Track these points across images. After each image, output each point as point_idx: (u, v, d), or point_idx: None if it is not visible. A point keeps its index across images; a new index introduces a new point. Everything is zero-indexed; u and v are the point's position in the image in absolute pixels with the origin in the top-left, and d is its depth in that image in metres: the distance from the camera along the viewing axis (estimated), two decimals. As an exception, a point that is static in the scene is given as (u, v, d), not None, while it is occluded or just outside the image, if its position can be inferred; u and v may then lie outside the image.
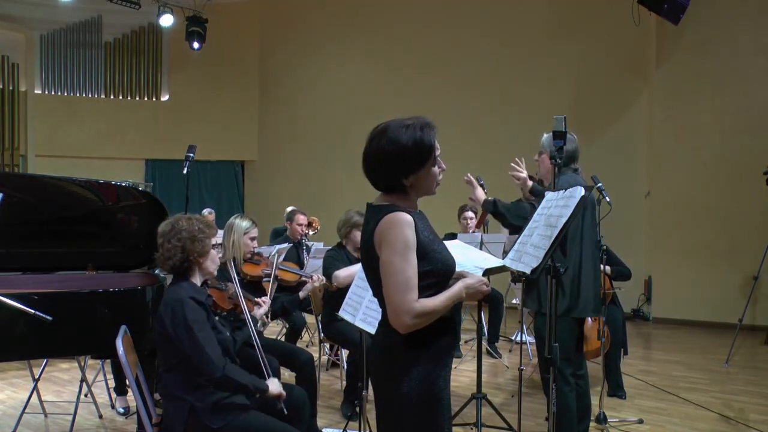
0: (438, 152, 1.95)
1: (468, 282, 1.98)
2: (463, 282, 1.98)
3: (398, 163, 1.89)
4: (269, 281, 4.11)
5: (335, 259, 4.41)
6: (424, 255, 1.89)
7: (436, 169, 1.96)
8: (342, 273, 4.17)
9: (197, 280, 2.80)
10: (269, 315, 3.87)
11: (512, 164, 3.69)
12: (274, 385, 2.82)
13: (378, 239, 1.88)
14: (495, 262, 3.05)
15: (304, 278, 4.59)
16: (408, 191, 1.95)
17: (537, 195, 3.58)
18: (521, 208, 3.52)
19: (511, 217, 3.49)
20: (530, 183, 3.68)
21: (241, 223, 3.91)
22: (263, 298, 3.64)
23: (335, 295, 4.15)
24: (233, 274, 3.36)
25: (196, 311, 2.63)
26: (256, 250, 4.06)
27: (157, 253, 2.76)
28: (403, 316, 1.83)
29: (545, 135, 3.45)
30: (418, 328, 1.86)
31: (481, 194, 3.69)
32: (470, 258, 3.04)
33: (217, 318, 2.93)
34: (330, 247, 4.70)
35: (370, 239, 1.92)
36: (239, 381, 2.65)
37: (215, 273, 2.94)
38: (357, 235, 4.44)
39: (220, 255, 2.98)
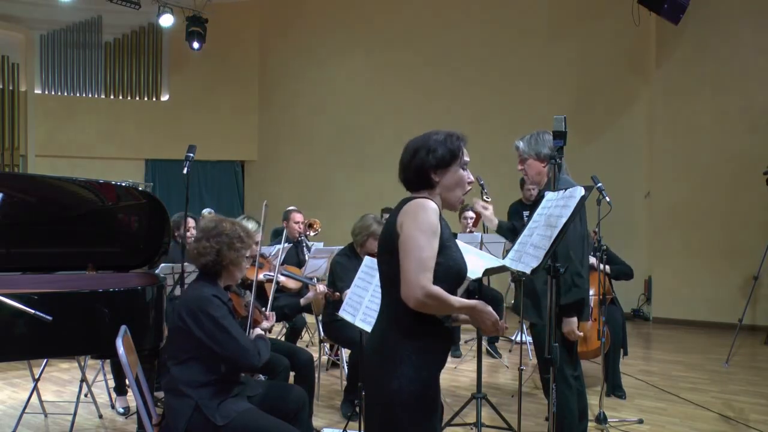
0: (467, 161, 2.05)
1: (481, 306, 1.98)
2: (478, 302, 1.99)
3: (428, 154, 2.00)
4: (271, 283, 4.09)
5: (346, 268, 4.29)
6: (442, 247, 1.94)
7: (463, 173, 2.05)
8: None
9: (222, 283, 2.84)
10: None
11: (479, 205, 3.77)
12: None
13: (401, 220, 1.93)
14: (495, 262, 3.04)
15: (306, 284, 4.55)
16: (435, 188, 2.02)
17: (502, 231, 3.76)
18: None
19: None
20: (495, 221, 3.69)
21: (247, 225, 3.88)
22: (269, 313, 3.54)
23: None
24: (254, 286, 3.36)
25: (221, 308, 2.67)
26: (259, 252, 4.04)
27: (190, 244, 2.80)
28: (416, 290, 1.85)
29: (521, 142, 3.48)
30: (425, 310, 1.89)
31: (494, 221, 3.73)
32: (469, 258, 3.02)
33: None
34: (340, 248, 4.59)
35: (392, 225, 1.95)
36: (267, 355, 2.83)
37: (239, 281, 3.00)
38: (373, 244, 4.36)
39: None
